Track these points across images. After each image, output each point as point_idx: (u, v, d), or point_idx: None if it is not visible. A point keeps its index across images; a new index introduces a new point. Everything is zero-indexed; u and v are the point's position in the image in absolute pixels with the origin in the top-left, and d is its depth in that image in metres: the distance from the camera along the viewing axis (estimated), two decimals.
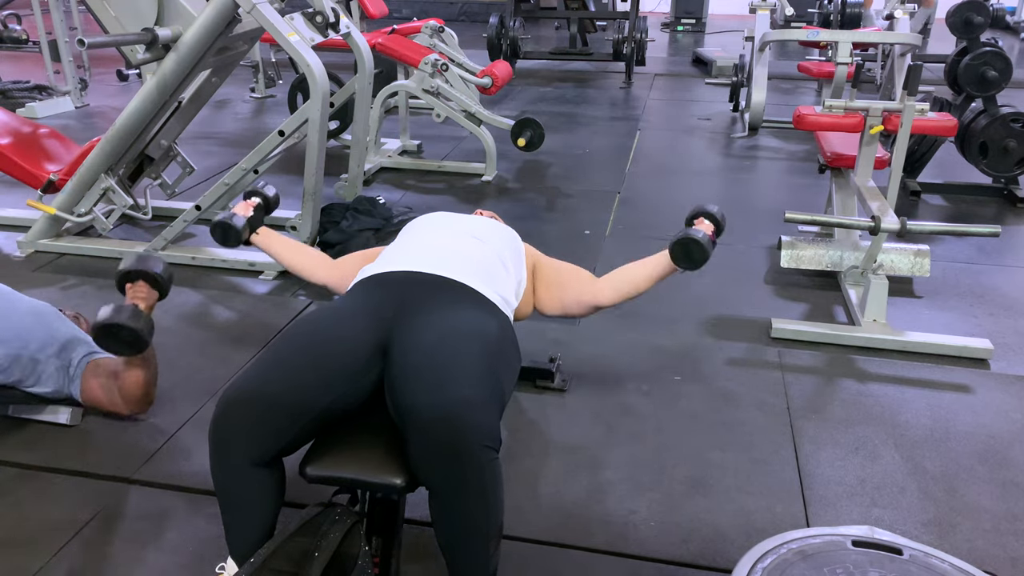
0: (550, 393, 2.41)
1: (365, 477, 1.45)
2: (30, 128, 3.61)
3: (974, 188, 4.25)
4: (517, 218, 3.80)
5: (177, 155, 3.66)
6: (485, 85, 4.64)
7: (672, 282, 3.15)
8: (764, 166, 4.82)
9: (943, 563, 1.29)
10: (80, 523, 1.87)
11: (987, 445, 2.19)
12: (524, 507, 1.93)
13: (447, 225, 2.05)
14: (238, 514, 1.50)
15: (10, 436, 2.18)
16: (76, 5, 6.52)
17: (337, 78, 4.34)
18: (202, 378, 2.47)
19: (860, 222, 2.77)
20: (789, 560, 1.29)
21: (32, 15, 5.86)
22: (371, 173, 4.43)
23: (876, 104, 2.96)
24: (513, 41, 7.21)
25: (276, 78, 6.63)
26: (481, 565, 1.46)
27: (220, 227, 2.20)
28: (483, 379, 1.48)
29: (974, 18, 3.93)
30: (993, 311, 2.97)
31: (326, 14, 3.18)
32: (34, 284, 3.10)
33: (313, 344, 1.56)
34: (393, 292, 1.73)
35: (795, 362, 2.60)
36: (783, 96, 6.69)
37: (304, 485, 1.49)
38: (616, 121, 5.85)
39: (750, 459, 2.12)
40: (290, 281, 3.15)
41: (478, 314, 1.69)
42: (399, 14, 10.17)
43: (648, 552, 1.81)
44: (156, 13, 2.94)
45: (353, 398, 1.54)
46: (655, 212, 3.98)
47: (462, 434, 1.36)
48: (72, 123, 5.57)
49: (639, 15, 7.20)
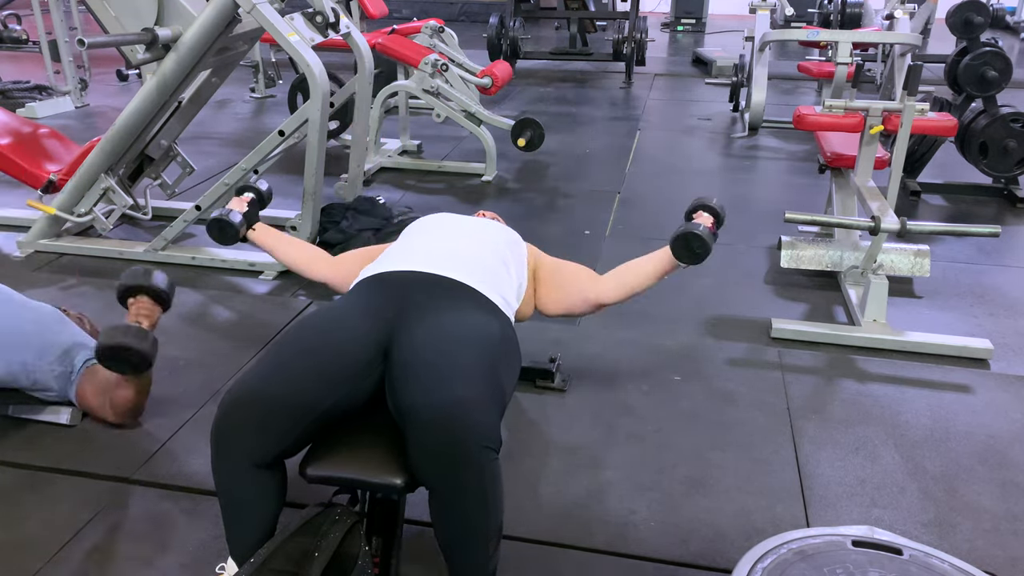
0: (550, 393, 2.40)
1: (365, 477, 1.45)
2: (30, 128, 3.61)
3: (974, 188, 4.25)
4: (517, 218, 3.80)
5: (177, 155, 3.66)
6: (485, 85, 4.64)
7: (672, 282, 3.15)
8: (764, 166, 4.82)
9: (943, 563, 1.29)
10: (80, 523, 1.87)
11: (987, 445, 2.19)
12: (524, 507, 1.93)
13: (449, 226, 2.05)
14: (239, 515, 1.50)
15: (10, 436, 2.18)
16: (76, 5, 6.51)
17: (337, 78, 4.34)
18: (202, 378, 2.47)
19: (860, 222, 2.77)
20: (789, 560, 1.29)
21: (32, 15, 5.86)
22: (371, 173, 4.43)
23: (876, 104, 2.96)
24: (513, 41, 7.21)
25: (276, 78, 6.63)
26: (480, 565, 1.46)
27: (216, 224, 2.17)
28: (483, 380, 1.48)
29: (974, 18, 3.93)
30: (993, 311, 2.97)
31: (326, 14, 3.17)
32: (34, 284, 3.10)
33: (315, 345, 1.55)
34: (394, 292, 1.72)
35: (795, 362, 2.60)
36: (783, 96, 6.69)
37: (304, 485, 1.49)
38: (616, 121, 5.85)
39: (750, 459, 2.12)
40: (290, 281, 3.15)
41: (479, 315, 1.69)
42: (399, 14, 10.17)
43: (648, 552, 1.81)
44: (156, 13, 2.94)
45: (355, 398, 1.54)
46: (655, 212, 3.98)
47: (462, 435, 1.36)
48: (72, 123, 5.57)
49: (639, 15, 7.20)
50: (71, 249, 3.39)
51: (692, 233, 2.02)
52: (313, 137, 3.07)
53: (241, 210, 2.23)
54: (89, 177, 3.23)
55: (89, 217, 3.30)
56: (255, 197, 2.31)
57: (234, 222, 2.17)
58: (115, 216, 3.34)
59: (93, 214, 3.30)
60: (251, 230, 2.26)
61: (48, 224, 3.36)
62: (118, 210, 3.32)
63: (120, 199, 3.27)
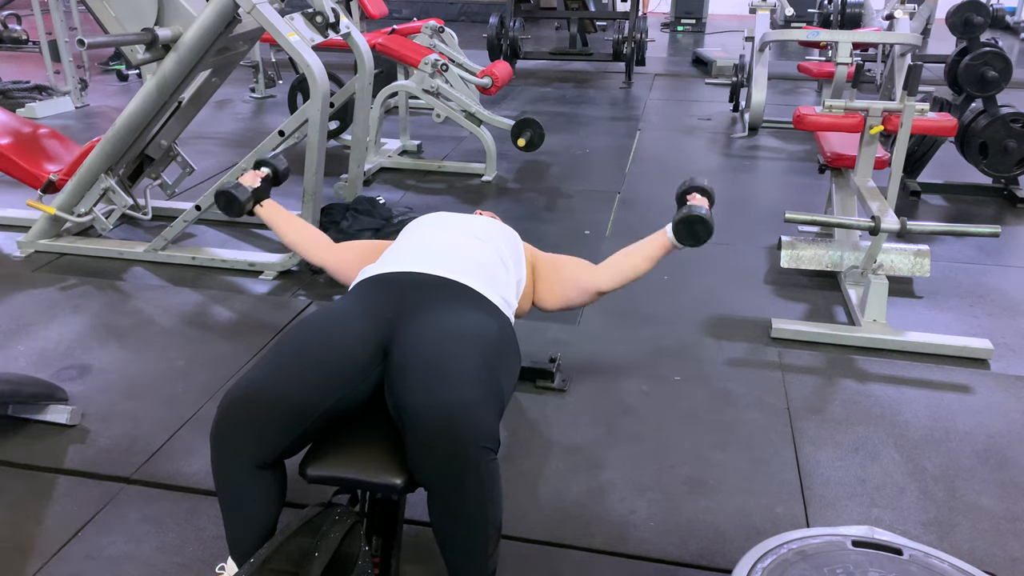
0: (550, 393, 2.40)
1: (365, 477, 1.44)
2: (30, 128, 3.61)
3: (974, 188, 4.25)
4: (517, 218, 3.80)
5: (177, 155, 3.66)
6: (485, 85, 4.64)
7: (672, 282, 3.16)
8: (764, 166, 4.82)
9: (943, 563, 1.29)
10: (80, 523, 1.87)
11: (987, 445, 2.19)
12: (524, 507, 1.93)
13: (448, 225, 2.05)
14: (239, 515, 1.50)
15: (10, 436, 2.18)
16: (76, 5, 6.52)
17: (337, 78, 4.35)
18: (202, 378, 2.47)
19: (860, 222, 2.77)
20: (789, 560, 1.29)
21: (32, 15, 5.86)
22: (371, 173, 4.43)
23: (876, 104, 2.96)
24: (513, 41, 7.21)
25: (276, 78, 6.63)
26: (479, 565, 1.46)
27: (224, 196, 2.15)
28: (482, 381, 1.48)
29: (974, 18, 3.93)
30: (993, 311, 2.97)
31: (326, 14, 3.17)
32: (34, 284, 3.10)
33: (315, 345, 1.55)
34: (394, 293, 1.72)
35: (795, 362, 2.60)
36: (783, 96, 6.69)
37: (304, 485, 1.49)
38: (616, 121, 5.85)
39: (750, 459, 2.12)
40: (290, 281, 3.15)
41: (479, 315, 1.69)
42: (399, 14, 10.17)
43: (648, 552, 1.81)
44: (156, 13, 2.94)
45: (355, 399, 1.54)
46: (655, 212, 3.98)
47: (460, 435, 1.36)
48: (72, 123, 5.57)
49: (639, 15, 7.20)
50: (71, 249, 3.39)
51: (696, 216, 2.01)
52: (313, 137, 3.07)
53: (253, 185, 2.21)
54: (89, 177, 3.23)
55: (89, 217, 3.30)
56: (270, 173, 2.29)
57: (240, 198, 2.15)
58: (115, 216, 3.34)
59: (93, 214, 3.30)
60: (258, 205, 2.24)
61: (48, 224, 3.36)
62: (118, 210, 3.32)
63: (120, 199, 3.27)
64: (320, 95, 2.99)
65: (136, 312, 2.89)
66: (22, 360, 2.57)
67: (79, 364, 2.54)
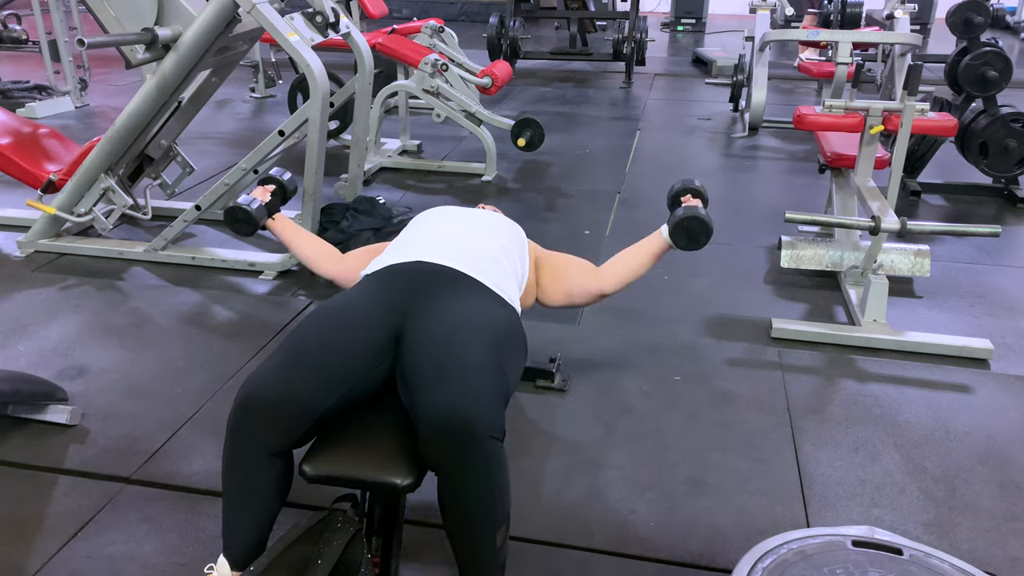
0: (550, 393, 2.41)
1: (365, 476, 1.45)
2: (30, 128, 3.61)
3: (974, 188, 4.25)
4: (517, 218, 3.76)
5: (177, 155, 3.66)
6: (485, 85, 4.63)
7: (672, 282, 3.16)
8: (764, 166, 4.82)
9: (943, 563, 1.29)
10: (80, 523, 1.87)
11: (987, 445, 2.19)
12: (524, 507, 1.93)
13: (452, 218, 2.08)
14: (241, 504, 1.51)
15: (10, 436, 2.18)
16: (76, 5, 6.51)
17: (337, 78, 4.34)
18: (202, 378, 2.47)
19: (860, 222, 2.77)
20: (789, 560, 1.29)
21: (32, 15, 5.86)
22: (371, 173, 4.43)
23: (876, 104, 2.96)
24: (513, 41, 7.21)
25: (276, 78, 6.62)
26: (490, 555, 1.47)
27: (240, 212, 2.14)
28: (491, 371, 1.52)
29: (974, 18, 3.93)
30: (993, 311, 2.97)
31: (326, 14, 3.17)
32: (34, 284, 3.10)
33: (330, 334, 1.59)
34: (403, 282, 1.76)
35: (795, 362, 2.60)
36: (783, 96, 6.69)
37: (304, 485, 1.49)
38: (616, 121, 5.85)
39: (750, 459, 2.12)
40: (290, 281, 3.15)
41: (487, 306, 1.72)
42: (399, 14, 10.17)
43: (648, 552, 1.81)
44: (156, 13, 2.94)
45: (368, 385, 1.58)
46: (655, 212, 3.96)
47: (469, 424, 1.39)
48: (72, 123, 5.57)
49: (639, 15, 7.20)
50: (71, 249, 3.39)
51: (696, 219, 2.01)
52: (313, 137, 3.07)
53: (264, 200, 2.21)
54: (89, 177, 3.23)
55: (89, 217, 3.30)
56: (278, 189, 2.30)
57: (256, 217, 2.15)
58: (115, 216, 3.34)
59: (93, 214, 3.29)
60: (270, 219, 2.25)
61: (48, 224, 3.36)
62: (118, 210, 3.32)
63: (120, 199, 3.27)
64: (320, 95, 2.99)
65: (136, 312, 2.89)
66: (22, 360, 2.57)
67: (79, 364, 2.54)
